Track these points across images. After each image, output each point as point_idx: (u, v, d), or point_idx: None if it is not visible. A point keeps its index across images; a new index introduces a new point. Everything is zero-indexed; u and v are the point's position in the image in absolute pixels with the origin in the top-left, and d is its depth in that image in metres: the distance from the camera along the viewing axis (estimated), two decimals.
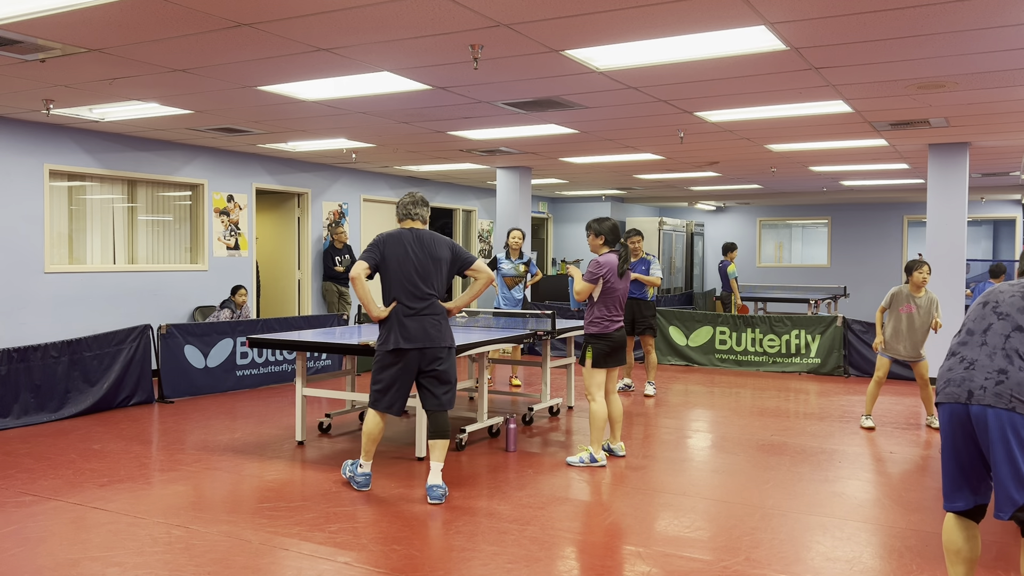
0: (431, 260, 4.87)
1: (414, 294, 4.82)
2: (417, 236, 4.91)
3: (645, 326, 8.38)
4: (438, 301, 4.91)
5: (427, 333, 4.80)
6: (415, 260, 4.83)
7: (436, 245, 4.91)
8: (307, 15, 4.49)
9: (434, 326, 4.83)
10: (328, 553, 3.92)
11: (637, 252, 8.37)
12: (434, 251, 4.88)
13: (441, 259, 4.90)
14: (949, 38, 4.87)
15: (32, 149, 8.25)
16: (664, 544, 4.07)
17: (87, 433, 6.50)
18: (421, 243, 4.88)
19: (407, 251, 4.84)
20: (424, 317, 4.82)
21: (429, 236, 4.93)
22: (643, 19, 4.50)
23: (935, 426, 6.93)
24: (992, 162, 10.93)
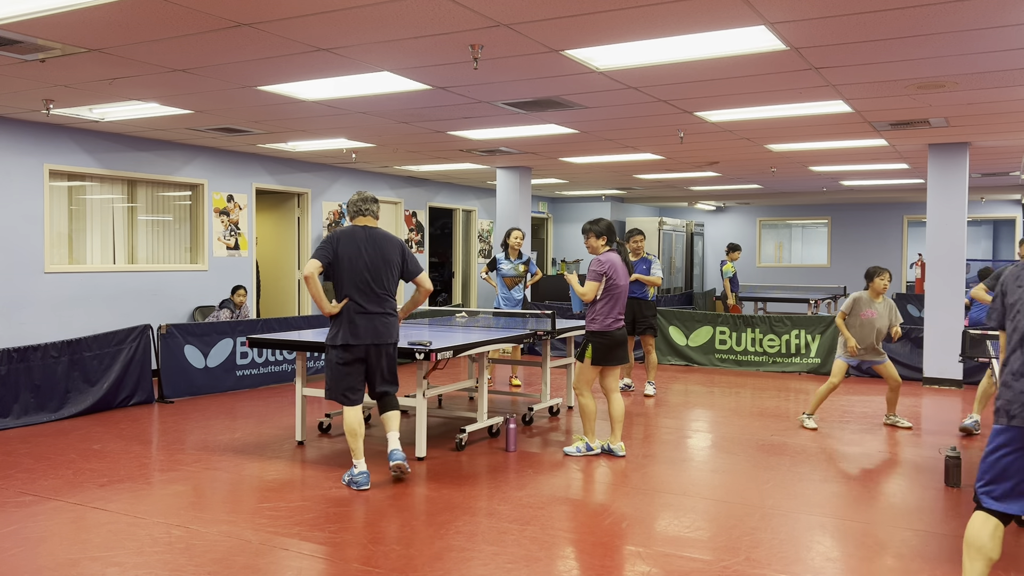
0: (382, 260, 5.03)
1: (365, 292, 4.98)
2: (370, 234, 5.06)
3: (646, 326, 8.37)
4: (390, 300, 5.09)
5: (376, 331, 5.01)
6: (367, 259, 4.99)
7: (388, 247, 5.08)
8: (307, 15, 4.49)
9: (384, 324, 5.04)
10: (328, 553, 3.92)
11: (638, 252, 8.37)
12: (386, 252, 5.05)
13: (392, 261, 5.07)
14: (949, 38, 4.87)
15: (32, 149, 8.25)
16: (664, 544, 4.07)
17: (87, 433, 6.50)
18: (374, 242, 5.04)
19: (360, 249, 5.00)
20: (375, 315, 5.00)
21: (382, 236, 5.09)
22: (643, 19, 4.50)
23: (902, 425, 6.95)
24: (992, 162, 10.92)
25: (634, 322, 8.38)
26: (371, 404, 7.04)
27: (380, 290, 5.02)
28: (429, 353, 5.30)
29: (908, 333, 9.63)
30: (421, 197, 14.02)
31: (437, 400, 7.82)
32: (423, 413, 5.72)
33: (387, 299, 5.07)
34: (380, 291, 5.02)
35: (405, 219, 13.61)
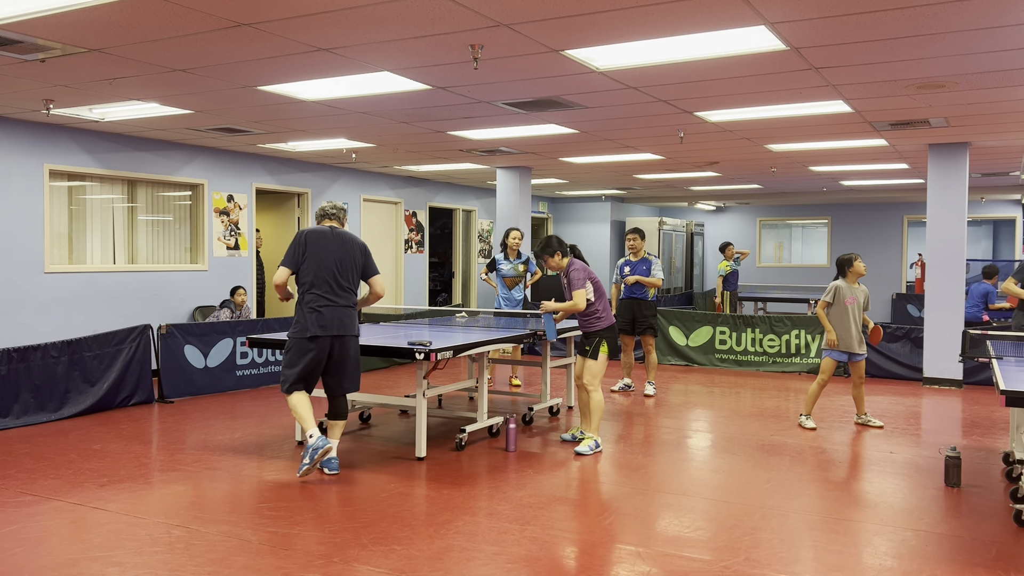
0: (349, 258, 5.27)
1: (332, 286, 5.20)
2: (338, 234, 5.33)
3: (645, 326, 8.38)
4: (353, 295, 5.32)
5: (342, 322, 5.21)
6: (337, 255, 5.23)
7: (353, 246, 5.32)
8: (307, 15, 4.49)
9: (348, 316, 5.25)
10: (328, 553, 3.92)
11: (638, 251, 8.35)
12: (351, 250, 5.29)
13: (355, 260, 5.30)
14: (949, 38, 4.87)
15: (32, 149, 8.25)
16: (664, 544, 4.07)
17: (87, 433, 6.50)
18: (342, 240, 5.30)
19: (330, 245, 5.24)
20: (340, 308, 5.21)
21: (348, 236, 5.36)
22: (643, 19, 4.50)
23: (875, 424, 6.91)
24: (992, 162, 10.93)
25: (633, 322, 8.38)
26: (369, 403, 7.05)
27: (346, 284, 5.25)
28: (429, 353, 5.30)
29: (908, 333, 9.64)
30: (421, 197, 14.02)
31: (437, 400, 7.82)
32: (423, 413, 5.72)
33: (351, 294, 5.30)
34: (346, 285, 5.25)
35: (405, 219, 13.61)
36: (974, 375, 9.15)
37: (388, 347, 5.63)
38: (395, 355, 5.60)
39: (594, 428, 6.02)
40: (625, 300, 8.45)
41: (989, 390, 8.88)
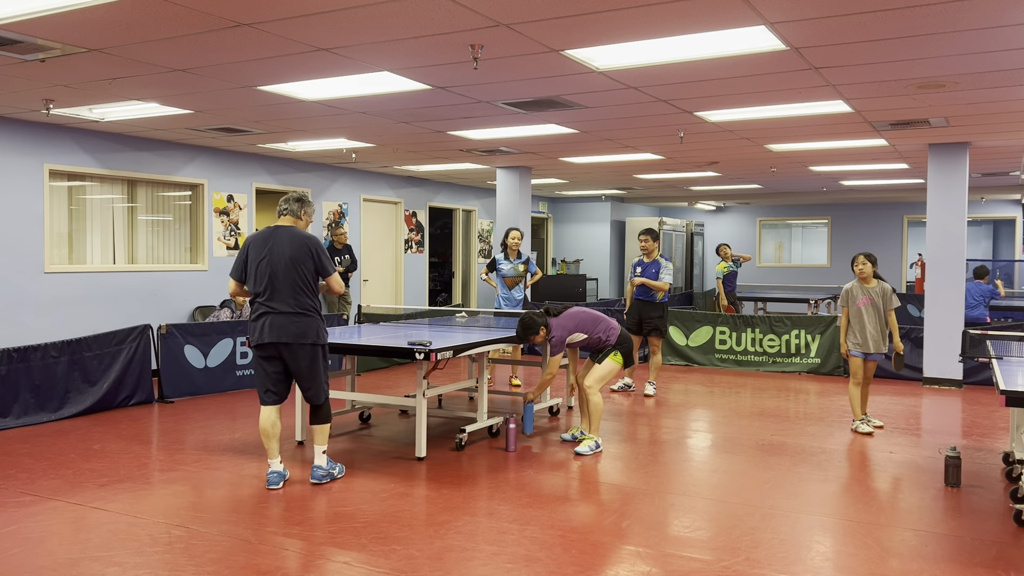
0: (290, 259, 4.88)
1: (270, 291, 4.90)
2: (279, 234, 4.97)
3: (651, 327, 8.42)
4: (304, 299, 4.92)
5: (285, 329, 4.87)
6: (272, 257, 4.90)
7: (301, 246, 4.93)
8: (307, 15, 4.49)
9: (294, 323, 4.88)
10: (328, 553, 3.92)
11: (650, 252, 8.34)
12: (298, 252, 4.91)
13: (300, 260, 4.90)
14: (949, 38, 4.87)
15: (32, 149, 8.25)
16: (664, 544, 4.07)
17: (87, 433, 6.50)
18: (282, 241, 4.94)
19: (270, 249, 4.93)
20: (282, 315, 4.88)
21: (292, 235, 4.97)
22: (643, 19, 4.50)
23: (875, 424, 6.85)
24: (992, 162, 10.92)
25: (640, 322, 8.40)
26: (369, 403, 7.05)
27: (287, 289, 4.88)
28: (429, 353, 5.30)
29: (908, 333, 9.63)
30: (421, 197, 14.02)
31: (437, 400, 7.82)
32: (423, 413, 5.71)
33: (303, 297, 4.92)
34: (287, 290, 4.88)
35: (405, 219, 13.61)
36: (974, 375, 9.15)
37: (388, 347, 5.62)
38: (395, 355, 5.59)
39: (594, 429, 6.04)
40: (634, 301, 8.51)
41: (989, 390, 8.88)
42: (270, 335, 4.88)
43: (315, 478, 5.08)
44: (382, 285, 13.33)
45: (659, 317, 8.40)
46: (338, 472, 5.24)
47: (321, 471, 5.10)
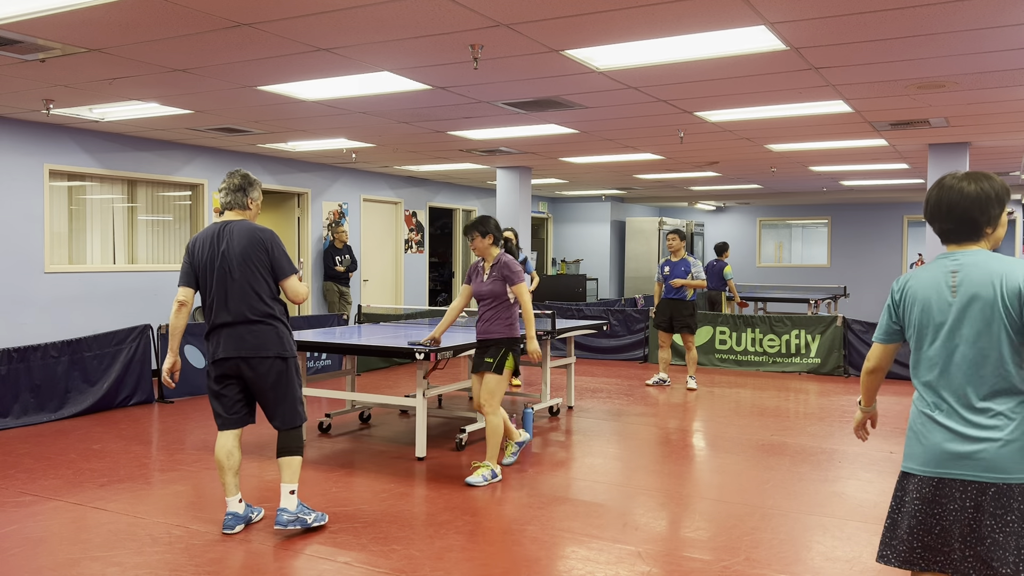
0: (240, 259, 4.08)
1: (220, 299, 4.09)
2: (225, 230, 4.17)
3: (683, 324, 8.72)
4: (261, 305, 4.09)
5: (242, 341, 4.06)
6: (219, 260, 4.10)
7: (252, 243, 4.11)
8: (307, 15, 4.49)
9: (252, 333, 4.06)
10: (328, 553, 3.92)
11: (677, 252, 8.64)
12: (249, 250, 4.09)
13: (252, 259, 4.09)
14: (949, 38, 4.87)
15: (32, 149, 8.25)
16: (664, 544, 4.07)
17: (87, 433, 6.50)
18: (228, 239, 4.13)
19: (215, 251, 4.13)
20: (236, 325, 4.07)
21: (247, 231, 4.14)
22: (643, 19, 4.50)
23: None
24: (992, 162, 10.92)
25: (671, 320, 8.75)
26: (369, 403, 7.05)
27: (240, 294, 4.06)
28: (429, 353, 5.30)
29: None
30: (421, 197, 14.02)
31: (437, 400, 7.82)
32: (423, 413, 5.72)
33: (254, 305, 4.07)
34: (240, 295, 4.06)
35: (405, 219, 13.61)
36: None
37: (388, 347, 5.63)
38: (395, 355, 5.59)
39: (491, 455, 5.19)
40: (665, 299, 8.81)
41: None
42: (224, 349, 4.07)
43: (279, 523, 4.08)
44: (382, 285, 13.33)
45: (690, 315, 8.72)
46: (314, 520, 4.19)
47: (287, 515, 4.10)
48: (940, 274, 2.43)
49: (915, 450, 2.53)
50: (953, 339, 2.39)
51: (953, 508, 2.39)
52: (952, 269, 2.42)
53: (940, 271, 2.44)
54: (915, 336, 2.49)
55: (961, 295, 2.38)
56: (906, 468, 2.55)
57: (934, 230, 2.51)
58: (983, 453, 2.34)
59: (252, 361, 4.07)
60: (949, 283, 2.41)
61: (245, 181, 4.29)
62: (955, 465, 2.38)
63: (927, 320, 2.45)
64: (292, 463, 4.17)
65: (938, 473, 2.42)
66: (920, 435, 2.51)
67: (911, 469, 2.52)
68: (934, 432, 2.45)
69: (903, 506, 2.51)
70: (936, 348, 2.43)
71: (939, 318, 2.42)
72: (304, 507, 4.20)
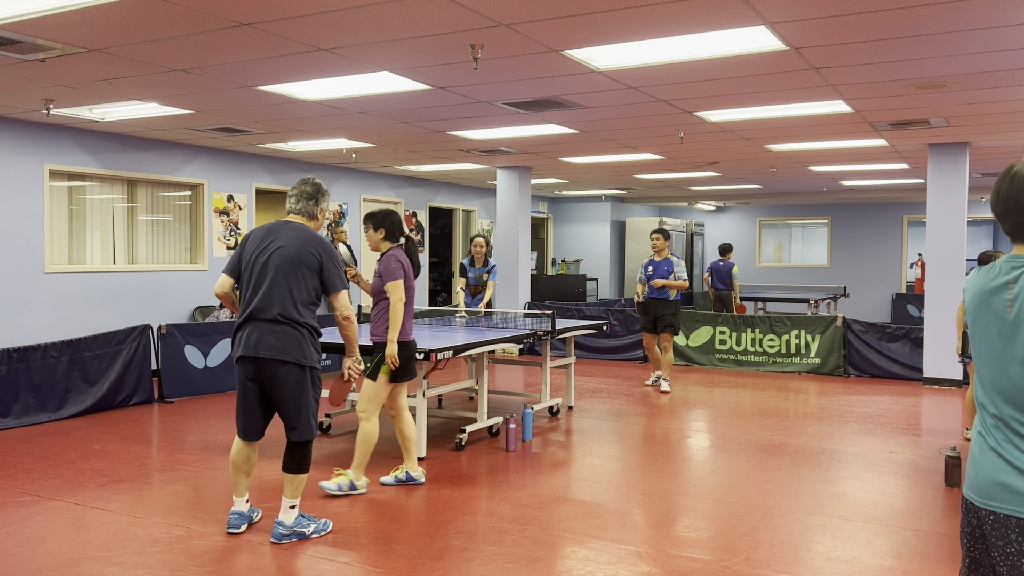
0: (291, 261, 4.02)
1: (257, 295, 4.03)
2: (287, 230, 4.12)
3: (665, 324, 8.60)
4: (294, 309, 4.02)
5: (266, 341, 3.97)
6: (278, 258, 4.03)
7: (306, 249, 4.05)
8: (307, 15, 4.49)
9: (277, 335, 3.98)
10: (328, 553, 3.92)
11: (661, 251, 8.54)
12: (302, 254, 4.04)
13: (302, 262, 4.04)
14: (949, 38, 4.87)
15: (32, 149, 8.25)
16: (664, 544, 4.07)
17: (87, 433, 6.50)
18: (288, 239, 4.07)
19: (266, 246, 4.07)
20: (265, 323, 4.00)
21: (306, 235, 4.10)
22: (643, 19, 4.50)
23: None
24: (992, 162, 10.93)
25: (655, 320, 8.61)
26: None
27: (277, 292, 4.00)
28: (429, 353, 5.30)
29: (908, 333, 9.64)
30: (421, 197, 14.02)
31: (437, 400, 7.82)
32: (423, 413, 5.71)
33: (287, 307, 4.00)
34: (276, 294, 4.00)
35: (405, 219, 13.61)
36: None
37: None
38: None
39: (357, 464, 4.88)
40: (648, 299, 8.70)
41: None
42: (245, 347, 4.00)
43: (275, 537, 4.05)
44: None
45: (673, 315, 8.61)
46: (314, 532, 4.14)
47: (283, 528, 4.05)
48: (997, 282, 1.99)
49: (969, 475, 2.09)
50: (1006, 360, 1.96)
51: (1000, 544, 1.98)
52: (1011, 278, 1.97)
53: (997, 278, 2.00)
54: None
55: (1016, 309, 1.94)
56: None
57: (1004, 229, 2.06)
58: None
59: (270, 363, 3.99)
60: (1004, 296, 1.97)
61: (317, 191, 4.23)
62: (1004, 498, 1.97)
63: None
64: (297, 480, 4.10)
65: (988, 505, 1.99)
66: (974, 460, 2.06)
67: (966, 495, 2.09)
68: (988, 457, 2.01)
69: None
70: (987, 366, 2.01)
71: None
72: (303, 519, 4.16)
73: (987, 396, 2.01)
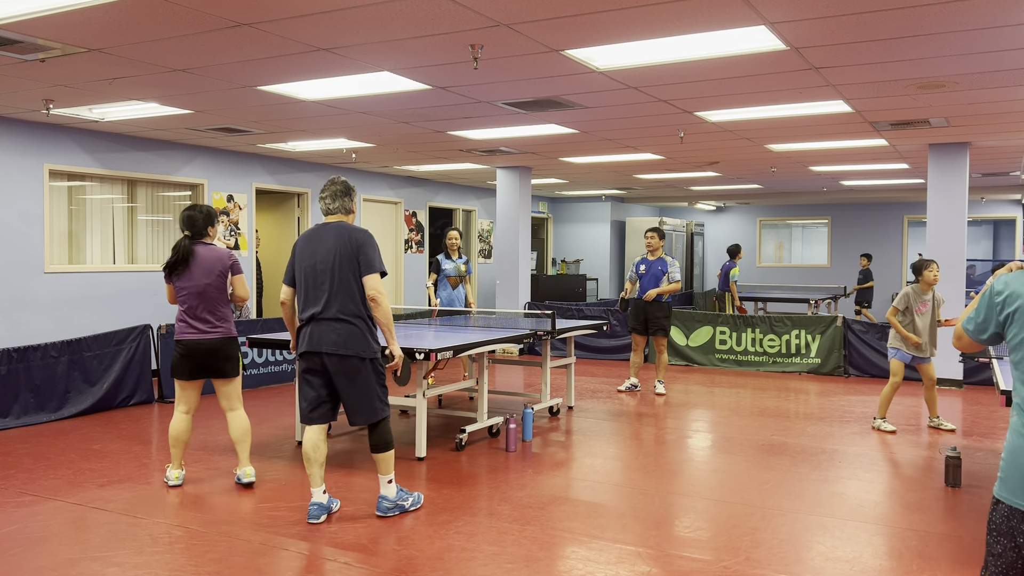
0: (336, 258, 4.31)
1: (311, 296, 4.35)
2: (324, 231, 4.40)
3: (657, 327, 8.47)
4: (350, 304, 4.31)
5: (327, 337, 4.28)
6: (316, 259, 4.34)
7: (348, 242, 4.33)
8: (307, 15, 4.49)
9: (337, 331, 4.28)
10: (328, 553, 3.92)
11: (655, 250, 8.42)
12: (346, 251, 4.32)
13: (349, 258, 4.32)
14: (949, 38, 4.87)
15: (32, 149, 8.25)
16: (664, 544, 4.07)
17: (87, 433, 6.50)
18: (327, 239, 4.36)
19: (314, 250, 4.37)
20: (323, 321, 4.30)
21: (344, 230, 4.37)
22: (643, 19, 4.50)
23: (945, 427, 6.87)
24: (992, 162, 10.92)
25: (646, 322, 8.48)
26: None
27: (330, 292, 4.30)
28: (429, 353, 5.30)
29: None
30: (421, 197, 14.02)
31: (437, 400, 7.81)
32: (423, 413, 5.72)
33: (345, 304, 4.30)
34: (330, 294, 4.29)
35: (405, 219, 13.61)
36: (974, 375, 9.15)
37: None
38: None
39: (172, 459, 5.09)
40: (639, 300, 8.53)
41: (989, 390, 8.88)
42: (310, 343, 4.33)
43: (380, 511, 4.45)
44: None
45: (665, 317, 8.45)
46: (411, 504, 4.55)
47: (387, 502, 4.46)
48: None
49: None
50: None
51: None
52: None
53: None
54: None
55: None
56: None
57: None
58: None
59: (334, 358, 4.29)
60: None
61: (347, 186, 4.52)
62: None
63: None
64: (385, 457, 4.44)
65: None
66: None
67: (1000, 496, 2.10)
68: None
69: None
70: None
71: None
72: (402, 492, 4.54)
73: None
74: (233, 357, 5.05)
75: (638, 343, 8.68)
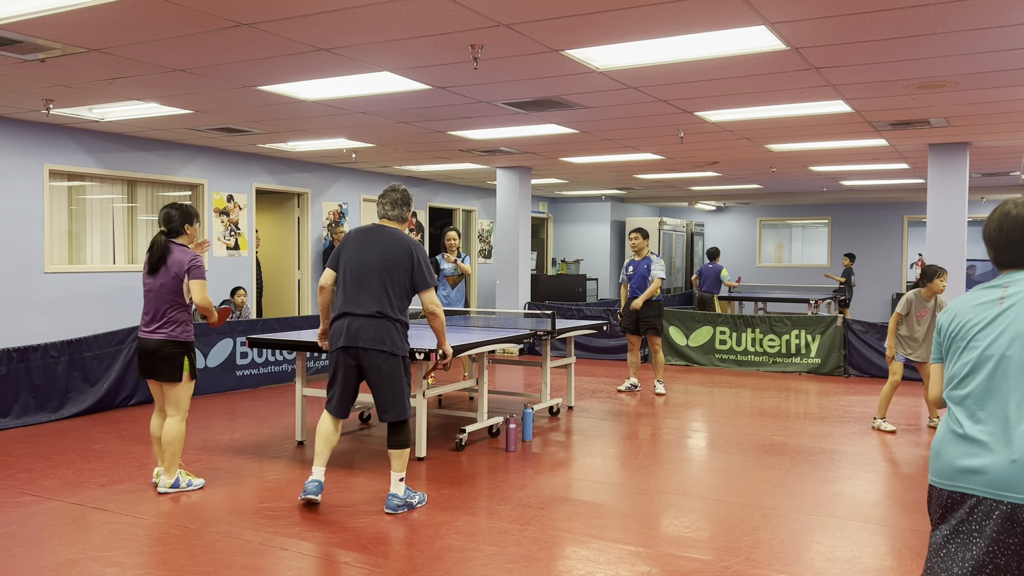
0: (380, 260, 4.50)
1: (350, 293, 4.52)
2: (373, 232, 4.61)
3: (648, 326, 8.43)
4: (387, 304, 4.49)
5: (364, 332, 4.45)
6: (372, 258, 4.51)
7: (398, 249, 4.53)
8: (307, 15, 4.49)
9: (371, 327, 4.46)
10: (329, 553, 3.92)
11: (640, 250, 8.45)
12: (394, 254, 4.51)
13: (394, 263, 4.51)
14: (949, 38, 4.87)
15: (32, 149, 8.25)
16: (664, 544, 4.07)
17: (87, 433, 6.50)
18: (375, 240, 4.56)
19: (365, 249, 4.55)
20: (358, 317, 4.48)
21: (396, 237, 4.58)
22: (643, 19, 4.50)
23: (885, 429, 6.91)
24: (992, 162, 10.93)
25: (637, 322, 8.43)
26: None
27: (369, 291, 4.48)
28: (429, 353, 5.30)
29: None
30: (421, 197, 14.02)
31: (437, 400, 7.81)
32: (423, 413, 5.71)
33: (383, 303, 4.48)
34: (371, 292, 4.48)
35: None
36: None
37: None
38: None
39: (172, 466, 4.93)
40: (631, 301, 8.53)
41: None
42: (346, 338, 4.47)
43: (389, 508, 4.52)
44: None
45: (655, 316, 8.43)
46: (418, 501, 4.64)
47: (396, 500, 4.54)
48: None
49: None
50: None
51: None
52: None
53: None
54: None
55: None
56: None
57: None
58: None
59: (370, 352, 4.47)
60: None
61: (406, 196, 4.75)
62: None
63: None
64: (401, 455, 4.57)
65: None
66: None
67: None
68: None
69: None
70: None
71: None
72: (410, 491, 4.64)
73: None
74: (171, 361, 4.78)
75: (633, 343, 8.70)
